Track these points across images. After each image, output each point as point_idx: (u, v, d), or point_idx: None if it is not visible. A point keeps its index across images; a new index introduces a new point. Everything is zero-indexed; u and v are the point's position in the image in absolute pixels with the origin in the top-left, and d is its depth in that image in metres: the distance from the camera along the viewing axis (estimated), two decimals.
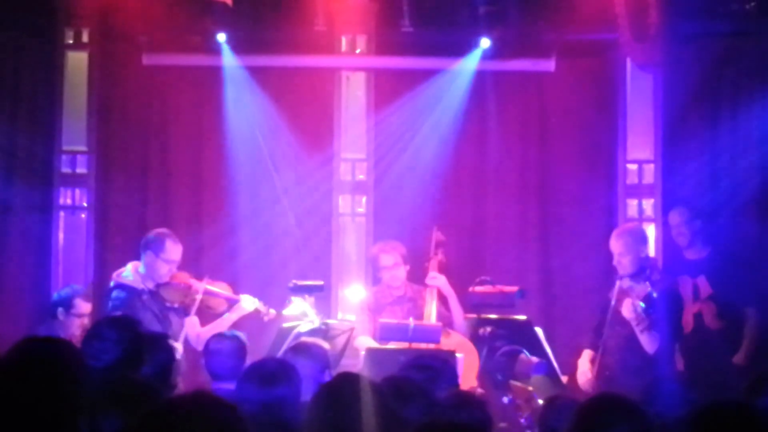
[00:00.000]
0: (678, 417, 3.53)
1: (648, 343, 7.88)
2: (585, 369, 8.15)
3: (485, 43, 9.48)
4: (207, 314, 8.35)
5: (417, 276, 8.61)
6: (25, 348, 3.55)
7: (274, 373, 5.06)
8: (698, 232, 8.63)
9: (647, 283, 8.03)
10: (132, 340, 5.20)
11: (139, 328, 5.44)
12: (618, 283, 8.15)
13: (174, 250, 8.24)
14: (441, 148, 9.75)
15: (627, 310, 7.94)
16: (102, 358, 5.00)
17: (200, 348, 7.63)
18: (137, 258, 8.32)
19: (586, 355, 8.25)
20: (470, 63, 9.62)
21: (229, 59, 9.59)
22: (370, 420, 3.80)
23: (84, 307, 8.06)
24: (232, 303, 8.35)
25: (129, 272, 8.22)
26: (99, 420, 4.02)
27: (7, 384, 3.41)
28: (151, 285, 8.21)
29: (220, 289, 8.42)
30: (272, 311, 8.30)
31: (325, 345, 6.42)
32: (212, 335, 7.25)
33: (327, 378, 5.85)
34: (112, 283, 8.28)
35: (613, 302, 8.13)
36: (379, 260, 8.63)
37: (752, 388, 5.00)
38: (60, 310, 8.04)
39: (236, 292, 8.52)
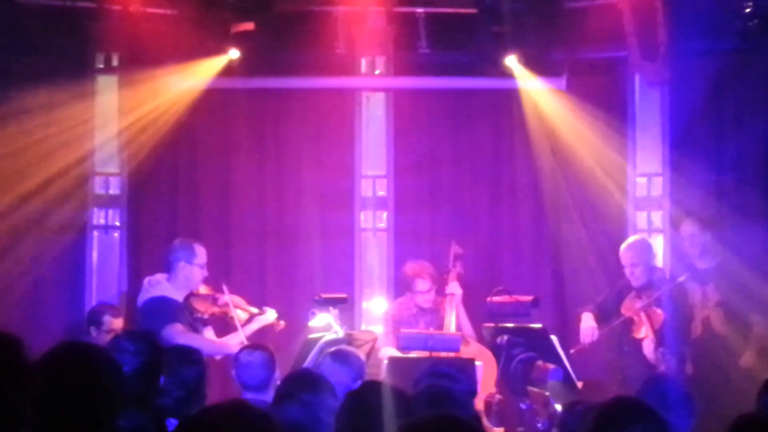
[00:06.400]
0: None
1: (665, 366, 8.17)
2: (590, 326, 8.46)
3: (511, 60, 9.44)
4: (228, 325, 8.36)
5: (437, 288, 8.78)
6: (61, 351, 3.53)
7: (317, 383, 5.09)
8: (708, 242, 8.85)
9: (660, 310, 8.33)
10: (150, 351, 5.24)
11: (157, 340, 5.51)
12: (632, 300, 8.48)
13: (203, 252, 8.27)
14: (457, 164, 9.95)
15: (648, 350, 8.24)
16: None
17: (216, 357, 7.84)
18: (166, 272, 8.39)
19: (589, 315, 8.54)
20: (488, 83, 9.77)
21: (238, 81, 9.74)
22: (395, 426, 3.76)
23: (114, 323, 8.19)
24: (257, 314, 8.39)
25: (166, 284, 8.23)
26: None
27: (44, 385, 3.35)
28: (181, 296, 8.25)
29: (240, 301, 8.49)
30: (282, 323, 8.34)
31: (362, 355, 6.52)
32: (242, 348, 7.38)
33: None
34: (149, 295, 8.25)
35: (625, 316, 8.47)
36: (415, 284, 8.71)
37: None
38: (92, 328, 8.24)
39: (264, 304, 8.58)
